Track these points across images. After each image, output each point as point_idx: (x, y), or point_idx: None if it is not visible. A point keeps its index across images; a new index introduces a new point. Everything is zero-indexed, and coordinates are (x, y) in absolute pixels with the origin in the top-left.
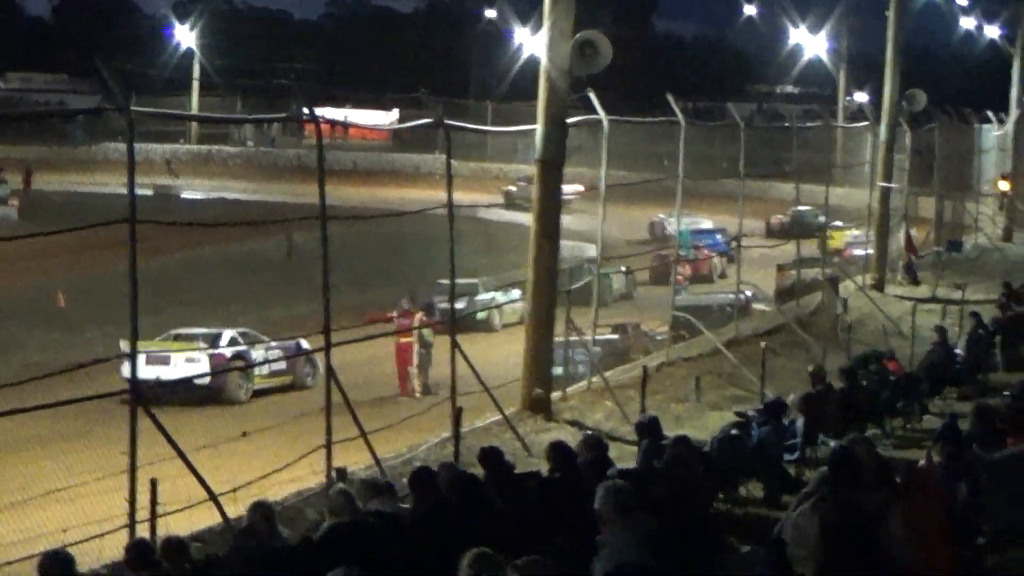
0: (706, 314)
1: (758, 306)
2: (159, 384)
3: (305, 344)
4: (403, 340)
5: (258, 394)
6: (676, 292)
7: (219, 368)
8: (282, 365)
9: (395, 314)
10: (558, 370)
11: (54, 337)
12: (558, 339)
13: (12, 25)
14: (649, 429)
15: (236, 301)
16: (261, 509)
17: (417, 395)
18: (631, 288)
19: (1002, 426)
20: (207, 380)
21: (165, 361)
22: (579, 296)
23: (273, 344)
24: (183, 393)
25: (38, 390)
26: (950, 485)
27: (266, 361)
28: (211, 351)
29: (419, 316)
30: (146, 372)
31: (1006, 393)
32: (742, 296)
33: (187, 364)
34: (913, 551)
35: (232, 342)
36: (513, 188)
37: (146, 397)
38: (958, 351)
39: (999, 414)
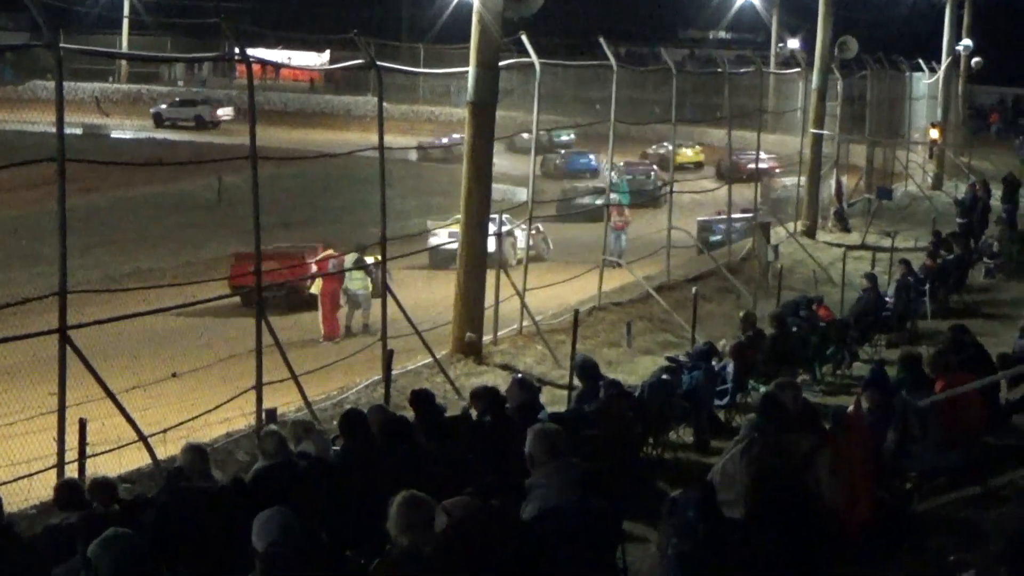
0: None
1: None
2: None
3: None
4: (326, 283)
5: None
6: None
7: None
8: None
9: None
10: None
11: None
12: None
13: None
14: (585, 370)
15: (167, 241)
16: (192, 450)
17: (337, 340)
18: (543, 249)
19: (929, 373)
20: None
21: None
22: None
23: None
24: None
25: None
26: (878, 431)
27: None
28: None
29: (330, 259)
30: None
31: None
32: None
33: None
34: (840, 495)
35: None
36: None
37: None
38: (887, 298)
39: (926, 361)
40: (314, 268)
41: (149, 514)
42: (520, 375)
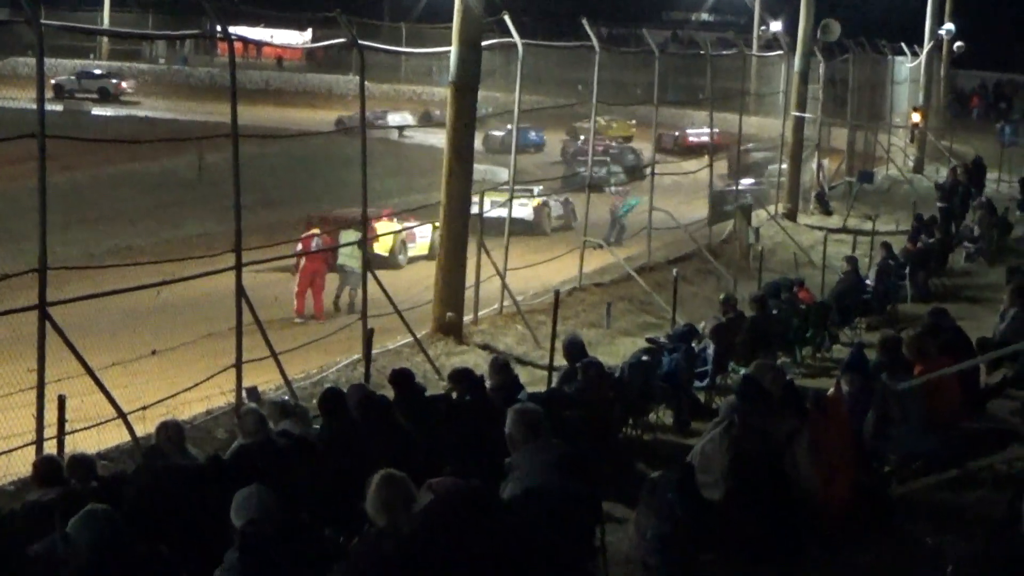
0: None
1: None
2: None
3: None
4: (307, 262)
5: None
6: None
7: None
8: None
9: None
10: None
11: None
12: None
13: None
14: (575, 349)
15: (147, 218)
16: (169, 428)
17: (299, 318)
18: (571, 218)
19: (908, 356)
20: (531, 218)
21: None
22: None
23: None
24: (516, 227)
25: None
26: (857, 414)
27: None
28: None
29: (314, 238)
30: (493, 212)
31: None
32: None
33: (520, 208)
34: (818, 478)
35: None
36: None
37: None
38: (868, 281)
39: (906, 345)
40: (299, 247)
41: (128, 491)
42: (497, 357)
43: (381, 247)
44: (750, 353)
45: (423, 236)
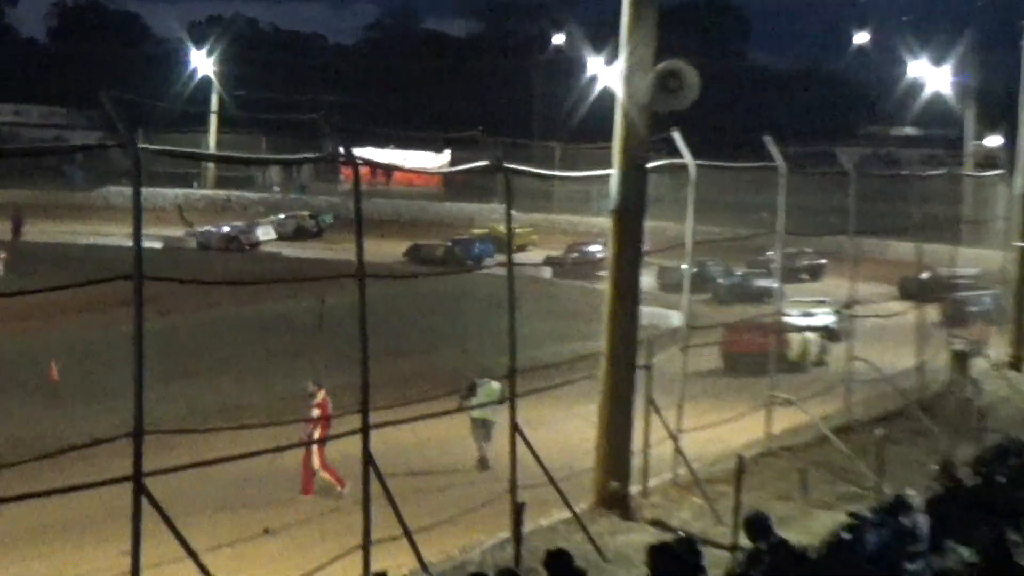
0: None
1: None
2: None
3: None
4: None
5: None
6: None
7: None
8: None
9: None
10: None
11: (42, 412)
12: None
13: (4, 49)
14: (759, 528)
15: (258, 371)
16: None
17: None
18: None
19: None
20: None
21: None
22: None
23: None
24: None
25: (24, 475)
26: None
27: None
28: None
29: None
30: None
31: None
32: None
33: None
34: None
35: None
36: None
37: None
38: None
39: None
40: (315, 412)
41: None
42: (682, 534)
43: None
44: (973, 529)
45: None
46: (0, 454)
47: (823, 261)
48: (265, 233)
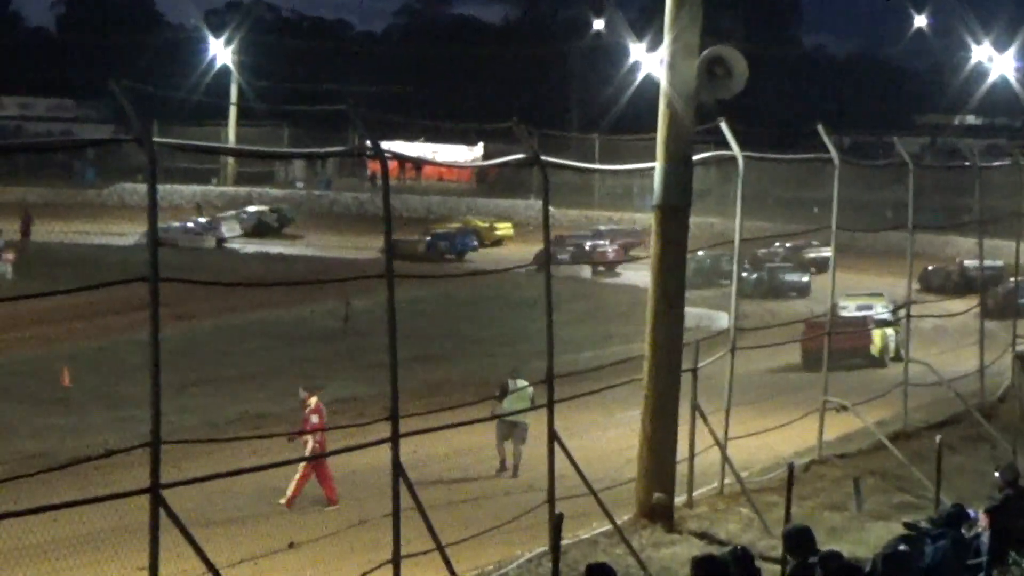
0: None
1: None
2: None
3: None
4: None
5: None
6: None
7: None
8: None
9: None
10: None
11: (54, 421)
12: None
13: (9, 39)
14: (797, 542)
15: (280, 378)
16: None
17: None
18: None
19: None
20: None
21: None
22: None
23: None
24: None
25: (37, 486)
26: None
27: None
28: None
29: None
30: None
31: None
32: None
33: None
34: None
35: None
36: None
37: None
38: None
39: None
40: (314, 420)
41: None
42: (736, 546)
43: None
44: None
45: None
46: (9, 466)
47: (828, 254)
48: (230, 229)
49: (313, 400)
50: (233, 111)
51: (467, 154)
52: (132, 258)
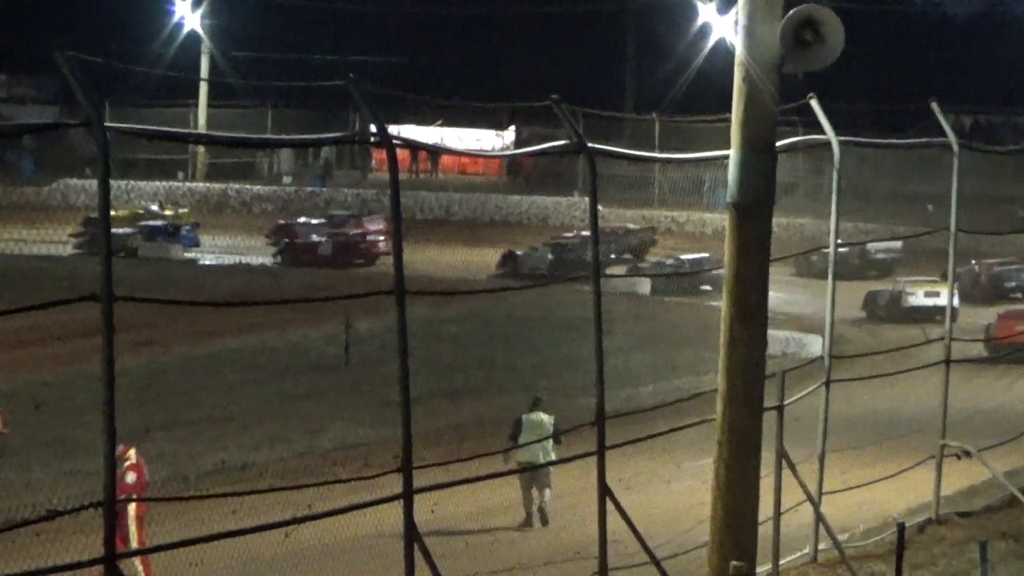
0: None
1: None
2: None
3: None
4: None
5: None
6: None
7: None
8: None
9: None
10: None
11: None
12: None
13: None
14: None
15: (268, 420)
16: None
17: None
18: None
19: None
20: None
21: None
22: None
23: None
24: None
25: None
26: None
27: None
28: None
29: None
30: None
31: None
32: None
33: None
34: None
35: None
36: None
37: None
38: None
39: None
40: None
41: None
42: None
43: None
44: None
45: None
46: None
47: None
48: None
49: (132, 453)
50: (203, 88)
51: (495, 140)
52: (81, 270)
